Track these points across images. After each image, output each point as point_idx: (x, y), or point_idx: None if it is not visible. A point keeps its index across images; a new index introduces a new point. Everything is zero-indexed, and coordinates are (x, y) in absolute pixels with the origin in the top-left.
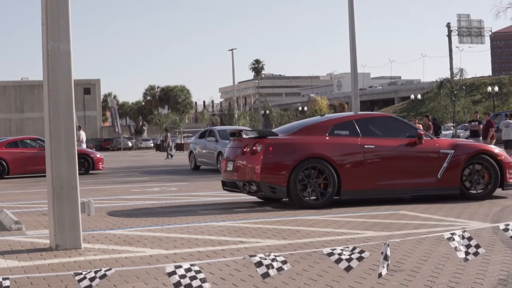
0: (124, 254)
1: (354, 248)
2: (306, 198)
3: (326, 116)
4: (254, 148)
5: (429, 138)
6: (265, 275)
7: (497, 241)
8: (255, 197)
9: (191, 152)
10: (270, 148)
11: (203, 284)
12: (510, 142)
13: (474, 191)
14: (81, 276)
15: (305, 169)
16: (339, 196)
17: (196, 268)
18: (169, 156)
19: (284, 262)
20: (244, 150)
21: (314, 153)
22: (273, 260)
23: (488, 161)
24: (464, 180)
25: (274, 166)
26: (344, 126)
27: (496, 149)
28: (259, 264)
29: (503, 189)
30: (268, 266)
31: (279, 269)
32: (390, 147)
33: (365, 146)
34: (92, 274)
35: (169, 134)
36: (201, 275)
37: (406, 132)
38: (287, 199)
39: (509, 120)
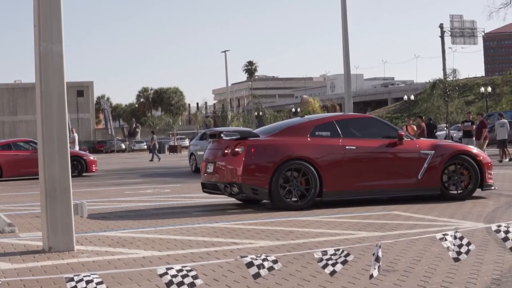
0: (117, 256)
1: (341, 252)
2: (288, 200)
3: (306, 117)
4: (235, 149)
5: (409, 139)
6: (256, 275)
7: (490, 241)
8: (253, 200)
9: (191, 154)
10: (252, 150)
11: (195, 281)
12: (504, 142)
13: (455, 192)
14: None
15: (287, 170)
16: (320, 198)
17: (188, 267)
18: (156, 159)
19: (275, 262)
20: (225, 151)
21: (296, 155)
22: (264, 260)
23: (468, 161)
24: (444, 181)
25: (256, 168)
26: (325, 127)
27: (475, 150)
28: (250, 264)
29: (482, 190)
30: (259, 266)
31: (270, 268)
32: (371, 148)
33: (347, 147)
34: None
35: (155, 137)
36: (192, 273)
37: (386, 133)
38: (269, 201)
39: (504, 120)
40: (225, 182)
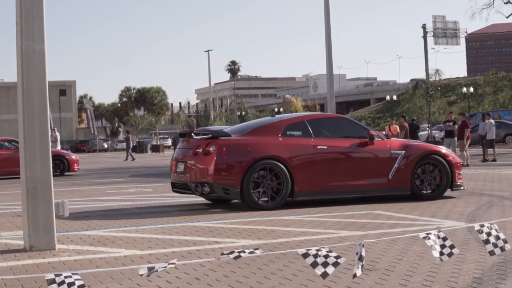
0: (99, 255)
1: (330, 251)
2: (259, 200)
3: (277, 116)
4: (207, 148)
5: (380, 139)
6: (237, 257)
7: (472, 240)
8: (223, 200)
9: None
10: (224, 149)
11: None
12: (493, 142)
13: (425, 191)
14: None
15: (258, 170)
16: (292, 197)
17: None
18: (130, 158)
19: (256, 248)
20: (197, 151)
21: (268, 154)
22: (244, 247)
23: (439, 161)
24: (415, 180)
25: (227, 167)
26: (297, 127)
27: (444, 150)
28: (231, 252)
29: (452, 190)
30: (240, 252)
31: (251, 253)
32: (342, 147)
33: (318, 147)
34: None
35: (130, 136)
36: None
37: (358, 132)
38: (240, 201)
39: (492, 120)
40: (196, 181)
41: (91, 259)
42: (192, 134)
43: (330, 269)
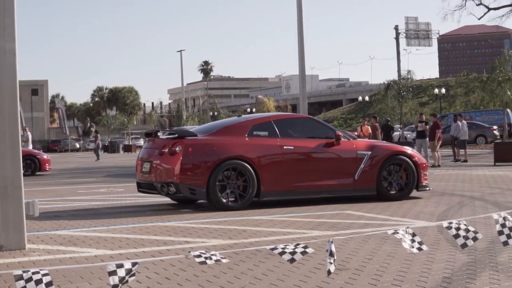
0: (69, 255)
1: (298, 244)
2: (225, 200)
3: (244, 116)
4: (173, 148)
5: (346, 140)
6: (202, 263)
7: (442, 240)
8: (189, 200)
9: None
10: (190, 149)
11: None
12: (465, 142)
13: (392, 192)
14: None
15: (224, 170)
16: (258, 198)
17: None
18: (95, 158)
19: (223, 257)
20: (162, 150)
21: (234, 154)
22: (212, 255)
23: (405, 162)
24: (381, 181)
25: (193, 167)
26: (263, 127)
27: (410, 150)
28: (198, 256)
29: (417, 190)
30: (206, 258)
31: (217, 261)
32: (308, 148)
33: (284, 147)
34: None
35: (99, 136)
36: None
37: (324, 133)
38: (206, 201)
39: (464, 121)
40: (162, 181)
41: (61, 258)
42: (158, 134)
43: (297, 256)
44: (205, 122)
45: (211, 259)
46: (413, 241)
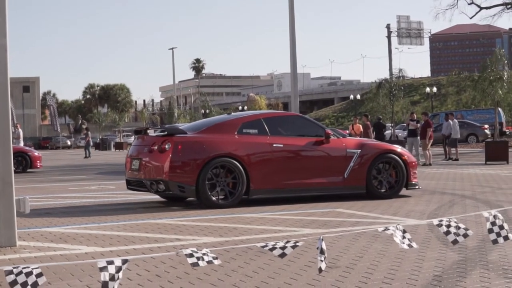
0: (60, 252)
1: (288, 241)
2: (215, 198)
3: (233, 114)
4: (162, 146)
5: (336, 138)
6: (195, 264)
7: (433, 238)
8: (178, 198)
9: None
10: (179, 147)
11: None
12: (456, 141)
13: (381, 190)
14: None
15: (214, 168)
16: (247, 196)
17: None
18: (84, 155)
19: (215, 258)
20: (152, 148)
21: (224, 152)
22: (204, 254)
23: (395, 160)
24: (371, 179)
25: (183, 165)
26: (253, 125)
27: (399, 149)
28: (190, 255)
29: (407, 189)
30: (198, 258)
31: (209, 262)
32: (298, 146)
33: (274, 145)
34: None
35: (89, 133)
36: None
37: (314, 131)
38: (195, 199)
39: (456, 120)
40: (151, 179)
41: (52, 255)
42: (148, 131)
43: (288, 250)
44: (196, 120)
45: (203, 259)
46: (403, 237)
